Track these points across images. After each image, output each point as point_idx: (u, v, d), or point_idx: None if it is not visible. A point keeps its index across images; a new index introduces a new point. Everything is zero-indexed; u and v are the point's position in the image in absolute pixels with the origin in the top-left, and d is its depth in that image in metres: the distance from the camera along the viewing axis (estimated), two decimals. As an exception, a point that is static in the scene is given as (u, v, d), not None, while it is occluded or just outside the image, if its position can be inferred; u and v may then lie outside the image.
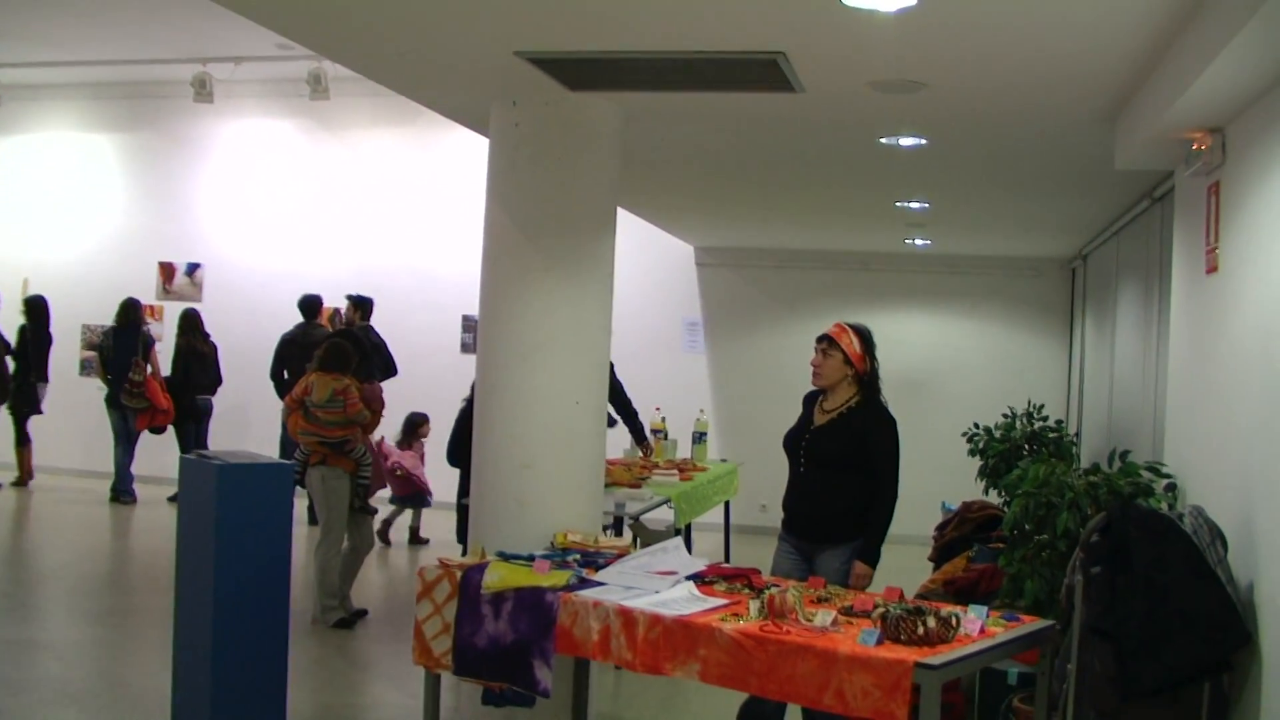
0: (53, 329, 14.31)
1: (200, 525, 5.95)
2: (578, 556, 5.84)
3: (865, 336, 6.22)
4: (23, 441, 14.29)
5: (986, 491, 9.47)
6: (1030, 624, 4.94)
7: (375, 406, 9.05)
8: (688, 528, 10.65)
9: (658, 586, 5.31)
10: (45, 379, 14.19)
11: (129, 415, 13.44)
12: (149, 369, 13.35)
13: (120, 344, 13.46)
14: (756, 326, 14.06)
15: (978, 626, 4.68)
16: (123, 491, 13.54)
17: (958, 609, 4.88)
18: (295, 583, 9.59)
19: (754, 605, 4.87)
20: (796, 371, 6.31)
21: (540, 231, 6.40)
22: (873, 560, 6.01)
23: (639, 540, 8.93)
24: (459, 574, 5.54)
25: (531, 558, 5.72)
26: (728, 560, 11.40)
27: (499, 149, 6.55)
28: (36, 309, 14.19)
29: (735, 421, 13.56)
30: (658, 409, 11.27)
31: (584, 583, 5.41)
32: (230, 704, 5.87)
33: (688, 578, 5.46)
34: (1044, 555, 5.89)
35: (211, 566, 5.81)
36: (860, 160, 8.07)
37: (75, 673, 7.28)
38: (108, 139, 15.93)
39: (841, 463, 6.10)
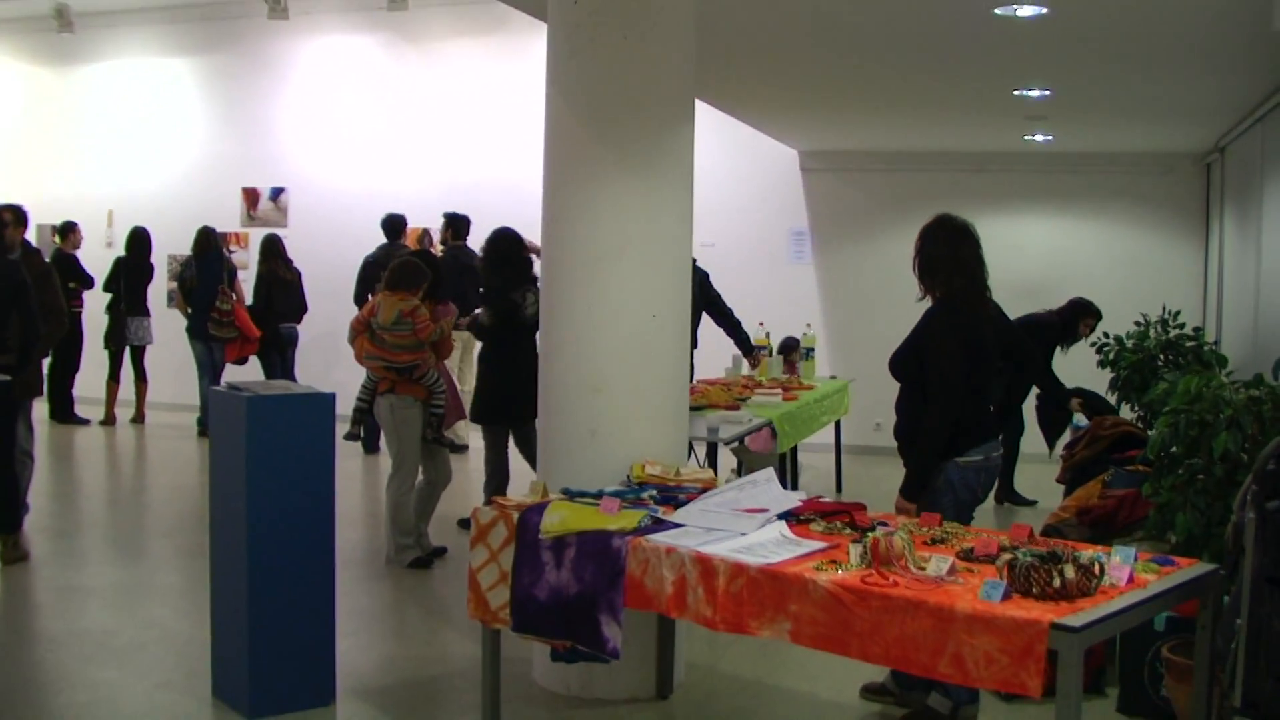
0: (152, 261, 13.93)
1: (231, 463, 5.35)
2: (654, 493, 5.11)
3: (929, 229, 5.50)
4: (114, 377, 13.94)
5: (1119, 406, 8.70)
6: (1188, 569, 4.13)
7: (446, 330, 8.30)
8: (793, 452, 9.95)
9: (744, 528, 4.59)
10: (144, 312, 13.78)
11: (215, 346, 13.05)
12: (234, 297, 12.87)
13: (201, 274, 13.04)
14: (867, 233, 13.17)
15: (1126, 574, 3.87)
16: (209, 425, 13.07)
17: (1100, 551, 4.09)
18: (370, 521, 9.20)
19: (855, 550, 4.12)
20: (910, 280, 5.56)
21: (607, 124, 5.62)
22: (910, 494, 5.28)
23: (744, 467, 8.22)
24: (516, 515, 4.85)
25: (599, 495, 5.01)
26: (839, 485, 10.72)
27: (558, 31, 5.76)
28: (133, 241, 13.79)
29: (846, 335, 12.77)
30: (761, 324, 10.59)
31: (659, 524, 4.70)
32: (270, 657, 5.31)
33: (779, 516, 4.73)
34: (1198, 483, 5.07)
35: (244, 508, 5.22)
36: (973, 36, 7.20)
37: (124, 623, 6.74)
38: (184, 63, 15.44)
39: (905, 377, 5.48)
